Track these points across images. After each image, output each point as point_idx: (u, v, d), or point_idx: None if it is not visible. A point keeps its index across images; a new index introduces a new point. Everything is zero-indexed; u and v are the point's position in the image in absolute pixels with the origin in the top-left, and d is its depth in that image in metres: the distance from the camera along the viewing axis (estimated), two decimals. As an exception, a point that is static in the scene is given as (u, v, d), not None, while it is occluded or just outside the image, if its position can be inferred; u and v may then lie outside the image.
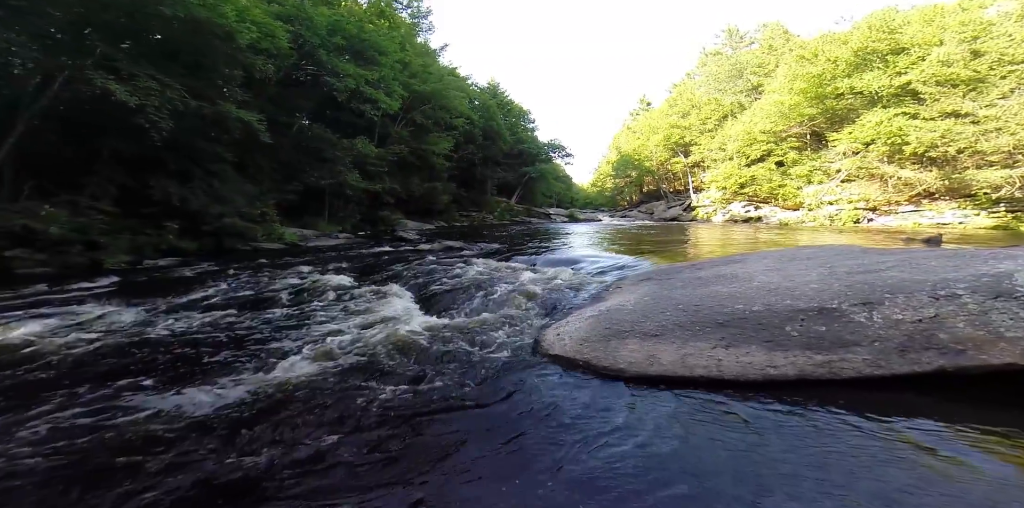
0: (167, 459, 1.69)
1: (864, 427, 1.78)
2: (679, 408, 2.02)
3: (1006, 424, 1.77)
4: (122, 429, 1.93)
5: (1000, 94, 14.89)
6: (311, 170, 12.73)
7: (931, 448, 1.62)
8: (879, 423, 1.80)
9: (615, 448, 1.72)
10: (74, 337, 3.20)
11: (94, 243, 6.70)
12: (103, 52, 7.26)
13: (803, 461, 1.56)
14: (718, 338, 2.32)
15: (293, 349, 2.97)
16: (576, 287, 4.75)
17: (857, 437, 1.71)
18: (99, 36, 7.37)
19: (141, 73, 7.28)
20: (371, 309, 3.97)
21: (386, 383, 2.40)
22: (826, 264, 3.16)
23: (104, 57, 7.25)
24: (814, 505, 1.34)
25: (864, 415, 1.86)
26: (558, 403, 2.13)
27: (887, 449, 1.62)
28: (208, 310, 4.07)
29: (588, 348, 2.53)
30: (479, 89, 30.63)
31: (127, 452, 1.74)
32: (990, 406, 1.94)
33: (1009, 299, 2.13)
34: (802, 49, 23.67)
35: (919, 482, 1.43)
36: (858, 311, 2.26)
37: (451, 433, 1.91)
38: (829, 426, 1.79)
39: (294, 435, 1.88)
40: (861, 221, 19.33)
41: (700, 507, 1.36)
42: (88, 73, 6.68)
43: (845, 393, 2.05)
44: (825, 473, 1.50)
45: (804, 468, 1.52)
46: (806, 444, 1.67)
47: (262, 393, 2.29)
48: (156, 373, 2.58)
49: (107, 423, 1.98)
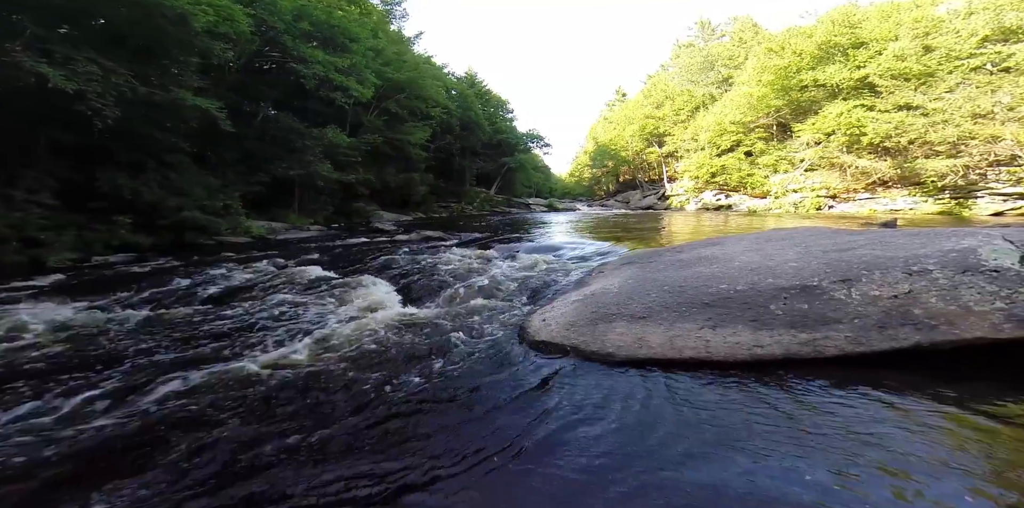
0: (104, 463, 1.53)
1: (849, 405, 1.80)
2: (672, 391, 2.00)
3: (980, 396, 1.83)
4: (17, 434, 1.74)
5: (947, 88, 15.78)
6: (279, 161, 12.12)
7: (908, 422, 1.66)
8: (862, 401, 1.83)
9: (610, 434, 1.68)
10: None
11: (34, 240, 6.14)
12: (33, 33, 6.56)
13: (795, 441, 1.57)
14: (705, 318, 2.32)
15: (253, 344, 2.79)
16: (559, 272, 4.72)
17: (844, 416, 1.72)
18: (30, 17, 6.66)
19: (80, 57, 6.64)
20: (343, 300, 3.79)
21: (359, 376, 2.27)
22: (801, 243, 3.23)
23: (35, 38, 6.56)
24: (804, 484, 1.34)
25: (848, 393, 1.89)
26: (547, 390, 2.07)
27: (870, 426, 1.65)
28: (158, 306, 3.79)
29: (575, 333, 2.48)
30: (457, 79, 29.96)
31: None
32: (963, 380, 2.00)
33: (976, 273, 2.21)
34: (770, 42, 24.33)
35: (904, 459, 1.46)
36: (838, 288, 2.31)
37: (432, 424, 1.82)
38: (817, 405, 1.80)
39: (260, 427, 1.74)
40: (823, 208, 20.28)
41: (692, 490, 1.34)
42: (16, 56, 6.03)
43: (829, 371, 2.08)
44: (817, 454, 1.51)
45: (797, 449, 1.53)
46: (796, 424, 1.68)
47: (217, 388, 2.12)
48: (91, 373, 2.36)
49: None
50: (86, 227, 7.13)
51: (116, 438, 1.75)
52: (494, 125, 30.79)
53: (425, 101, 19.42)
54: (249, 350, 2.70)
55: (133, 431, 1.79)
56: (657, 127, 33.13)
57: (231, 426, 1.81)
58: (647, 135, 33.94)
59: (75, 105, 6.57)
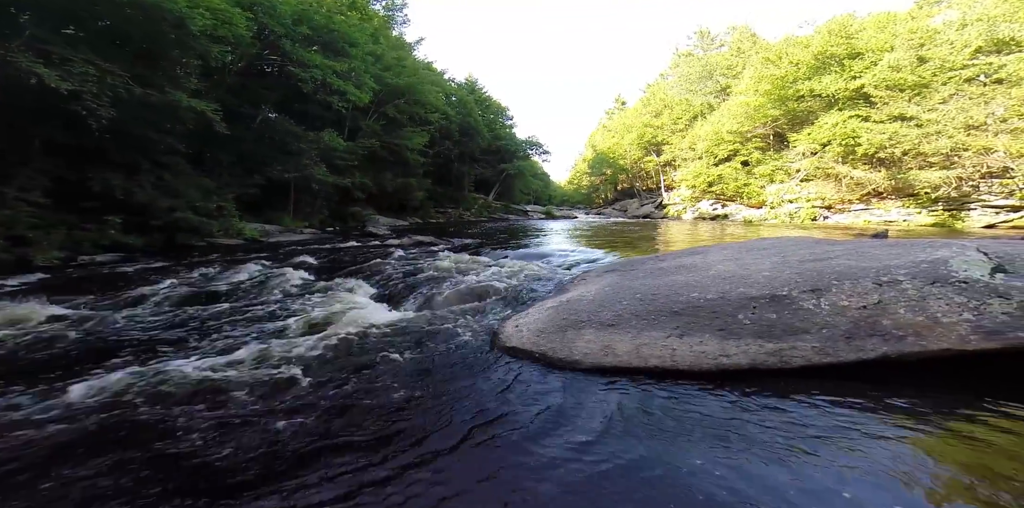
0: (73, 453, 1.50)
1: (804, 416, 1.78)
2: (632, 401, 1.98)
3: (941, 410, 1.81)
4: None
5: (941, 99, 15.92)
6: (275, 163, 12.16)
7: (860, 435, 1.64)
8: (819, 413, 1.81)
9: (557, 438, 1.65)
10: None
11: (22, 238, 6.13)
12: (32, 34, 6.63)
13: (754, 453, 1.54)
14: (672, 327, 2.30)
15: (233, 344, 2.76)
16: (542, 279, 4.70)
17: (805, 428, 1.70)
18: (31, 18, 6.75)
19: (77, 57, 6.70)
20: (325, 303, 3.77)
21: (333, 377, 2.25)
22: (780, 253, 3.22)
23: (34, 39, 6.62)
24: (754, 495, 1.32)
25: (806, 405, 1.86)
26: (509, 397, 2.05)
27: (817, 438, 1.63)
28: (142, 306, 3.77)
29: (545, 340, 2.46)
30: (457, 85, 30.21)
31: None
32: (928, 393, 1.98)
33: (945, 285, 2.20)
34: (767, 51, 24.59)
35: (858, 473, 1.44)
36: (807, 298, 2.29)
37: (394, 426, 1.79)
38: (780, 418, 1.78)
39: (232, 425, 1.71)
40: (818, 218, 20.33)
41: (642, 499, 1.31)
42: (11, 56, 6.08)
43: (794, 382, 2.05)
44: (759, 464, 1.48)
45: (756, 462, 1.50)
46: (757, 437, 1.65)
47: (192, 386, 2.10)
48: (62, 369, 2.34)
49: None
50: (77, 226, 7.13)
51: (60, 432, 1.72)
52: (493, 131, 30.98)
53: (424, 106, 19.56)
54: (223, 350, 2.67)
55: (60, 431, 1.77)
56: (655, 136, 33.33)
57: (200, 417, 1.78)
58: (645, 144, 34.13)
59: (70, 105, 6.61)
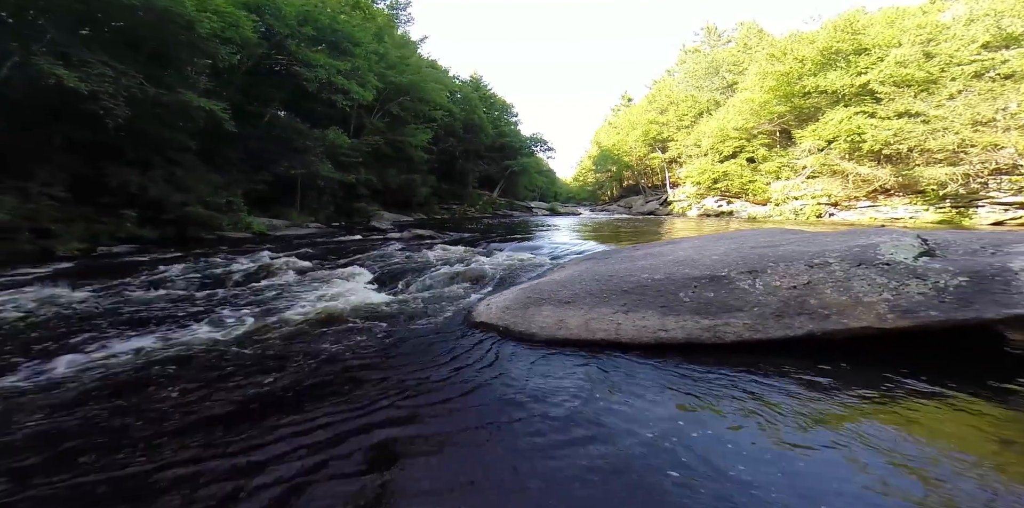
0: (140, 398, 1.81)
1: (729, 387, 2.01)
2: (578, 366, 2.23)
3: (851, 385, 1.99)
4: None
5: (948, 95, 15.71)
6: (282, 160, 12.56)
7: (766, 407, 1.87)
8: (743, 383, 2.03)
9: (498, 396, 1.92)
10: (26, 311, 3.24)
11: (45, 230, 6.56)
12: (53, 38, 7.05)
13: (668, 413, 1.79)
14: (620, 304, 2.54)
15: (238, 318, 3.08)
16: (528, 268, 4.95)
17: (720, 395, 1.92)
18: (51, 22, 7.16)
19: (94, 60, 7.10)
20: (325, 286, 4.08)
21: (322, 343, 2.54)
22: (741, 241, 3.43)
23: (55, 43, 7.04)
24: (670, 452, 1.57)
25: (734, 376, 2.08)
26: (468, 361, 2.32)
27: (738, 404, 1.86)
28: (157, 288, 4.11)
29: (509, 315, 2.72)
30: (461, 82, 30.43)
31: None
32: (848, 368, 2.14)
33: (869, 266, 2.41)
34: (772, 47, 24.36)
35: (753, 431, 1.67)
36: (744, 278, 2.52)
37: (369, 376, 2.07)
38: (702, 386, 2.00)
39: (233, 375, 2.01)
40: (823, 215, 20.18)
41: (570, 452, 1.57)
42: (35, 59, 6.50)
43: (726, 356, 2.27)
44: (685, 429, 1.73)
45: (668, 419, 1.75)
46: (673, 402, 1.88)
47: (203, 351, 2.41)
48: (104, 334, 2.67)
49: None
50: (95, 219, 7.57)
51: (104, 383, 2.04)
52: (498, 128, 31.16)
53: (428, 104, 19.85)
54: (229, 323, 2.99)
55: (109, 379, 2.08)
56: (660, 132, 33.19)
57: (202, 380, 2.09)
58: (650, 140, 34.01)
59: (88, 105, 7.02)
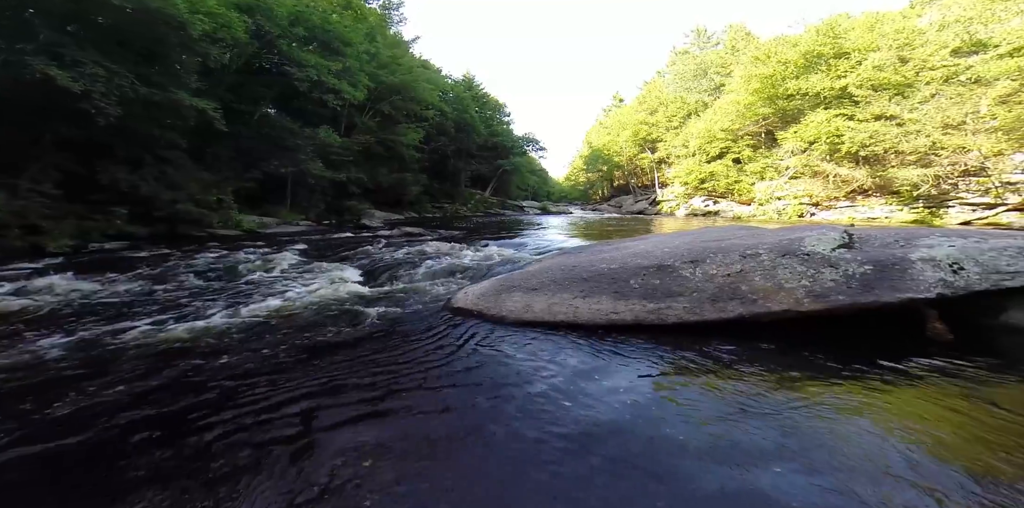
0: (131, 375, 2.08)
1: (661, 360, 2.33)
2: (538, 344, 2.54)
3: (779, 365, 2.29)
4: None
5: (922, 98, 16.34)
6: (272, 158, 12.70)
7: (679, 379, 2.20)
8: (677, 358, 2.35)
9: (475, 368, 2.23)
10: (25, 301, 3.46)
11: (35, 227, 6.69)
12: (46, 38, 7.17)
13: (610, 381, 2.10)
14: (579, 290, 2.86)
15: (231, 307, 3.33)
16: (510, 262, 5.26)
17: (661, 371, 2.23)
18: (42, 21, 7.28)
19: (87, 59, 7.24)
20: (315, 280, 4.34)
21: (308, 329, 2.82)
22: (696, 236, 3.77)
23: (48, 43, 7.17)
24: (606, 409, 1.89)
25: (667, 352, 2.39)
26: (444, 341, 2.62)
27: (667, 376, 2.19)
28: (150, 280, 4.34)
29: (483, 301, 3.02)
30: (454, 82, 30.63)
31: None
32: (769, 347, 2.43)
33: (793, 257, 2.75)
34: (757, 50, 24.94)
35: (677, 394, 2.00)
36: (687, 267, 2.85)
37: (358, 352, 2.36)
38: (642, 360, 2.30)
39: (223, 354, 2.28)
40: (804, 215, 20.79)
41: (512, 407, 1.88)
42: (28, 58, 6.63)
43: (667, 336, 2.59)
44: (622, 393, 2.05)
45: (610, 388, 2.06)
46: (619, 372, 2.19)
47: (196, 339, 2.67)
48: (105, 321, 2.91)
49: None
50: (85, 216, 7.70)
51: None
52: (490, 128, 31.42)
53: (419, 103, 20.04)
54: (225, 309, 3.24)
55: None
56: (650, 133, 33.74)
57: (197, 365, 2.35)
58: (640, 141, 34.55)
59: (80, 103, 7.15)
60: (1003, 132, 14.08)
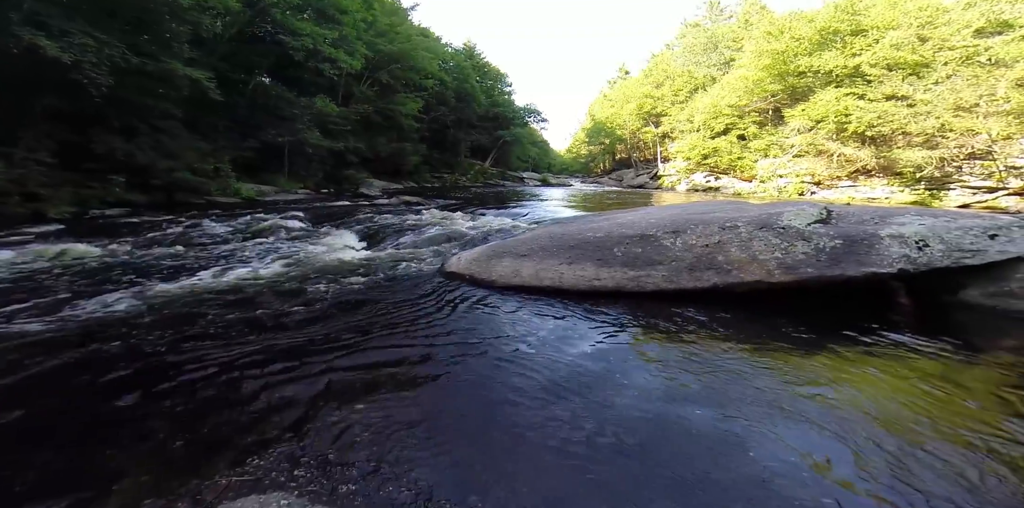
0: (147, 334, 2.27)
1: (637, 325, 2.50)
2: (524, 307, 2.73)
3: (747, 333, 2.44)
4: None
5: (935, 79, 15.88)
6: (269, 127, 12.53)
7: (648, 342, 2.38)
8: (655, 325, 2.51)
9: (463, 327, 2.42)
10: (41, 264, 3.63)
11: (34, 194, 6.76)
12: (30, 8, 6.92)
13: (585, 342, 2.27)
14: (565, 257, 3.02)
15: (232, 269, 3.51)
16: (505, 230, 5.39)
17: (637, 335, 2.39)
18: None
19: (75, 29, 7.03)
20: (314, 245, 4.50)
21: (308, 290, 3.00)
22: (684, 209, 3.89)
23: (32, 12, 6.93)
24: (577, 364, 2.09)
25: (648, 320, 2.54)
26: (437, 303, 2.80)
27: (640, 340, 2.38)
28: (155, 244, 4.50)
29: (474, 266, 3.19)
30: (454, 51, 29.50)
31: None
32: (744, 317, 2.54)
33: (769, 230, 2.89)
34: (771, 25, 23.90)
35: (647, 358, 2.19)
36: (668, 237, 2.99)
37: (358, 313, 2.55)
38: (620, 325, 2.47)
39: (227, 308, 2.47)
40: (805, 194, 20.68)
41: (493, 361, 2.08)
42: (15, 28, 6.45)
43: (646, 302, 2.76)
44: (598, 358, 2.24)
45: (583, 347, 2.24)
46: (595, 332, 2.37)
47: (205, 295, 2.85)
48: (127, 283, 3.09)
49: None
50: (83, 184, 7.73)
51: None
52: (491, 98, 30.60)
53: (418, 72, 19.45)
54: (231, 269, 3.42)
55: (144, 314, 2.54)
56: (655, 107, 32.86)
57: (208, 320, 2.55)
58: (644, 114, 33.72)
59: (71, 74, 7.00)
60: (1015, 116, 13.79)
